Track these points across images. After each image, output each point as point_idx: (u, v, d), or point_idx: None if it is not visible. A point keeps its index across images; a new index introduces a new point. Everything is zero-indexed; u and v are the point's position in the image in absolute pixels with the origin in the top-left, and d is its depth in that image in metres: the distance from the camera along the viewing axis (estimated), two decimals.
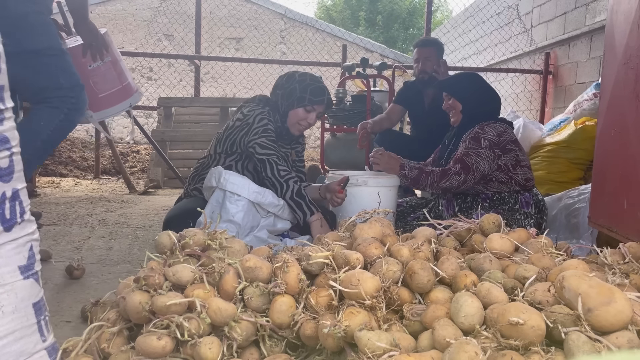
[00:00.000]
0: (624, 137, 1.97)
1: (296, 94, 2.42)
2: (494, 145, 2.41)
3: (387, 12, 17.86)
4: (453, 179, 2.38)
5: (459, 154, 2.44)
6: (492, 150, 2.41)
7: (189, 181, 2.60)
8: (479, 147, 2.40)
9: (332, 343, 1.20)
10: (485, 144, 2.41)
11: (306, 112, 2.44)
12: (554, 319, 1.10)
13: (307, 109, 2.43)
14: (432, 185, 2.43)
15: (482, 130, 2.44)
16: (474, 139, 2.43)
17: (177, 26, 9.08)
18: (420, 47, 3.56)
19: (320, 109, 2.46)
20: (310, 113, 2.45)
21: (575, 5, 5.00)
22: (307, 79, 2.47)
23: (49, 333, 1.16)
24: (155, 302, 1.23)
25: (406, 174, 2.47)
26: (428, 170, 2.44)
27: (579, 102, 4.06)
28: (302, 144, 2.73)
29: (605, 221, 2.11)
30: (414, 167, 2.50)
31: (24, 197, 1.13)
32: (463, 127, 2.58)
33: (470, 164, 2.38)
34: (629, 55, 1.94)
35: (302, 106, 2.42)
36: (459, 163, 2.40)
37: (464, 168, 2.37)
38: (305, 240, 2.02)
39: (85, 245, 2.73)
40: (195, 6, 5.98)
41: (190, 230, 1.53)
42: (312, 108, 2.43)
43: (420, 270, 1.32)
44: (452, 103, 2.61)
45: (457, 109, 2.59)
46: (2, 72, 1.08)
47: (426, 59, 3.48)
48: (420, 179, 2.44)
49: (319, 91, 2.43)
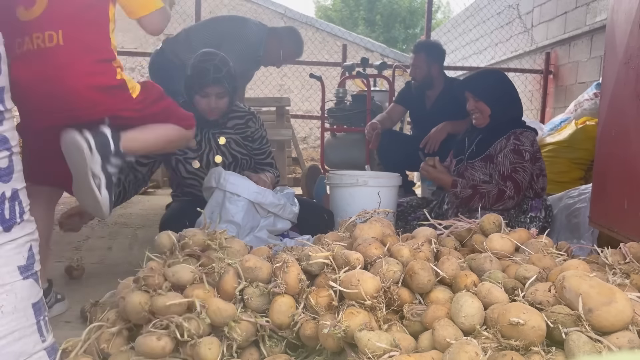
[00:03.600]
0: (624, 136, 1.96)
1: (189, 81, 2.26)
2: (532, 157, 2.38)
3: (387, 12, 17.85)
4: (507, 203, 2.32)
5: (505, 170, 2.34)
6: (531, 161, 2.37)
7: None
8: (523, 160, 2.34)
9: (332, 343, 1.20)
10: (527, 156, 2.35)
11: (202, 97, 2.25)
12: (554, 319, 1.09)
13: (201, 95, 2.24)
14: (485, 207, 2.31)
15: (519, 141, 2.37)
16: (515, 152, 2.35)
17: (177, 26, 9.06)
18: (412, 52, 3.53)
19: (213, 90, 2.22)
20: (206, 98, 2.25)
21: (576, 5, 5.00)
22: (196, 60, 2.26)
23: (48, 333, 1.16)
24: (155, 303, 1.23)
25: (458, 193, 2.37)
26: (483, 192, 2.33)
27: (580, 102, 4.05)
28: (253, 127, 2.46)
29: (606, 221, 2.10)
30: (467, 185, 2.38)
31: (24, 197, 1.13)
32: (490, 131, 2.47)
33: (520, 181, 2.32)
34: (630, 55, 1.94)
35: (195, 93, 2.25)
36: (510, 182, 2.31)
37: (516, 188, 2.31)
38: (305, 240, 2.01)
39: (85, 245, 2.73)
40: (195, 6, 5.98)
41: (190, 230, 1.53)
42: (205, 92, 2.24)
43: (420, 270, 1.32)
44: (478, 105, 2.47)
45: (484, 112, 2.45)
46: (2, 73, 1.08)
47: (415, 65, 3.44)
48: (474, 199, 2.33)
49: (203, 73, 2.21)
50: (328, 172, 3.01)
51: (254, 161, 2.51)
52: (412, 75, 3.49)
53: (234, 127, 2.44)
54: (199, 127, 2.27)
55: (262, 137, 2.50)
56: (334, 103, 4.18)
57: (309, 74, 4.24)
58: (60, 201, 4.13)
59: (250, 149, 2.47)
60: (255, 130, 2.48)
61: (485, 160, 2.45)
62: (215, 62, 2.24)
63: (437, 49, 3.53)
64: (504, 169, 2.35)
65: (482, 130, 2.53)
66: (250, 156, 2.47)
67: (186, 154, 2.35)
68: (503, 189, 2.32)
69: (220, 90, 2.25)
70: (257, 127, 2.48)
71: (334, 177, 2.65)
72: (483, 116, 2.47)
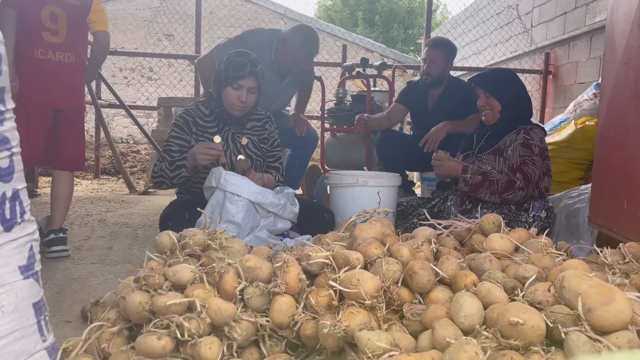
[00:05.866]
0: (624, 137, 1.97)
1: (222, 74, 2.37)
2: (542, 152, 2.40)
3: (386, 12, 17.85)
4: (516, 193, 2.33)
5: (515, 162, 2.36)
6: (541, 157, 2.39)
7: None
8: (532, 154, 2.36)
9: (332, 343, 1.20)
10: (536, 150, 2.37)
11: (234, 89, 2.35)
12: (554, 319, 1.10)
13: (234, 87, 2.34)
14: (493, 194, 2.34)
15: (529, 135, 2.40)
16: (525, 145, 2.37)
17: (177, 26, 9.08)
18: (430, 47, 3.43)
19: (247, 83, 2.34)
20: (239, 90, 2.35)
21: (575, 5, 5.00)
22: (231, 56, 2.39)
23: (49, 333, 1.16)
24: (155, 302, 1.23)
25: (468, 179, 2.37)
26: (492, 179, 2.34)
27: (579, 102, 4.05)
28: (269, 130, 2.58)
29: (605, 221, 2.11)
30: (477, 172, 2.39)
31: (24, 197, 1.13)
32: (499, 127, 2.50)
33: (529, 174, 2.34)
34: (629, 55, 1.94)
35: (228, 85, 2.35)
36: (520, 174, 2.33)
37: (525, 180, 2.33)
38: (305, 240, 2.02)
39: (85, 245, 2.73)
40: (195, 6, 5.98)
41: (190, 230, 1.53)
42: (238, 85, 2.33)
43: (420, 270, 1.32)
44: (490, 102, 2.50)
45: (495, 109, 2.49)
46: (3, 74, 1.08)
47: (433, 61, 3.37)
48: (483, 185, 2.34)
49: (240, 66, 2.34)
50: (328, 172, 3.01)
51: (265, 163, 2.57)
52: (427, 70, 3.40)
53: (252, 128, 2.53)
54: (222, 125, 2.44)
55: (274, 140, 2.59)
56: (334, 103, 4.18)
57: None
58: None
59: (264, 151, 2.54)
60: (270, 133, 2.58)
61: (495, 153, 2.48)
62: (251, 58, 2.38)
63: (454, 47, 3.53)
64: (513, 162, 2.38)
65: (491, 127, 2.56)
66: (263, 158, 2.53)
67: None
68: (513, 179, 2.34)
69: (253, 84, 2.36)
70: (272, 129, 2.59)
71: (334, 177, 2.65)
72: (493, 112, 2.51)
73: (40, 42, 2.45)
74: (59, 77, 2.50)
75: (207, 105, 2.48)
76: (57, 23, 2.49)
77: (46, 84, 2.47)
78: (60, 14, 2.50)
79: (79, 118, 2.66)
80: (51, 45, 2.47)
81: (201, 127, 2.45)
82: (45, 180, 5.44)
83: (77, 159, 2.66)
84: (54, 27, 2.48)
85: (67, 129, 2.59)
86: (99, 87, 5.98)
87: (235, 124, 2.47)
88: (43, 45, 2.46)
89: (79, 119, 2.67)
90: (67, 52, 2.52)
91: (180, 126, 2.42)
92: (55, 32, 2.49)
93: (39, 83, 2.45)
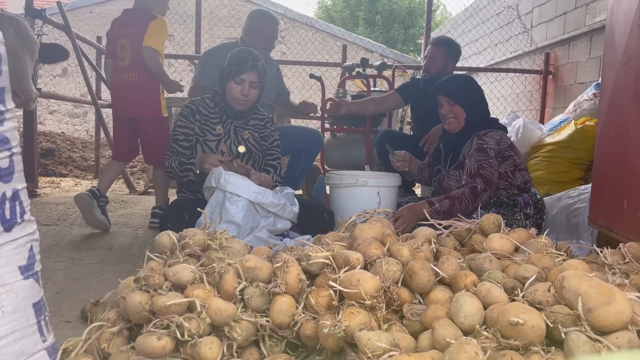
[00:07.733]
0: (624, 137, 1.97)
1: (225, 70, 2.44)
2: (497, 154, 2.40)
3: (387, 12, 17.85)
4: (483, 196, 2.33)
5: (472, 168, 2.36)
6: (497, 159, 2.40)
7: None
8: (488, 157, 2.37)
9: (332, 343, 1.20)
10: (491, 153, 2.38)
11: (236, 84, 2.42)
12: (554, 319, 1.10)
13: (236, 81, 2.41)
14: (467, 208, 2.32)
15: (482, 140, 2.40)
16: (480, 150, 2.38)
17: (177, 26, 9.08)
18: (432, 45, 3.47)
19: (249, 77, 2.40)
20: (241, 84, 2.41)
21: (575, 5, 5.00)
22: (234, 52, 2.46)
23: (49, 333, 1.16)
24: (155, 302, 1.23)
25: (438, 209, 2.30)
26: (458, 196, 2.31)
27: (579, 102, 4.06)
28: (270, 129, 2.63)
29: (605, 221, 2.11)
30: (442, 198, 2.34)
31: (24, 198, 1.13)
32: (465, 135, 2.49)
33: (489, 176, 2.34)
34: (629, 55, 1.94)
35: (231, 79, 2.42)
36: (480, 178, 2.33)
37: (486, 182, 2.33)
38: (305, 240, 2.02)
39: (85, 245, 2.73)
40: (195, 6, 5.98)
41: (190, 230, 1.53)
42: (240, 79, 2.40)
43: (420, 270, 1.32)
44: (453, 109, 2.48)
45: (459, 116, 2.48)
46: (3, 74, 1.08)
47: (432, 58, 3.40)
48: (454, 207, 2.30)
49: (242, 61, 2.40)
50: (328, 172, 3.01)
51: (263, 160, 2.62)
52: (426, 67, 3.44)
53: (254, 126, 2.60)
54: (225, 118, 2.53)
55: (274, 140, 2.65)
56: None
57: (309, 75, 4.25)
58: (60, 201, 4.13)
59: (264, 147, 2.60)
60: (271, 133, 2.64)
61: (458, 168, 2.49)
62: (253, 53, 2.46)
63: (457, 47, 3.52)
64: (471, 168, 2.38)
65: (455, 135, 2.54)
66: (262, 154, 2.59)
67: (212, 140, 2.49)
68: (474, 185, 2.34)
69: (255, 79, 2.43)
70: (273, 130, 2.65)
71: (334, 177, 2.65)
72: (458, 120, 2.49)
73: (115, 68, 3.31)
74: (124, 93, 3.28)
75: (212, 99, 2.56)
76: (125, 51, 3.24)
77: (118, 100, 3.35)
78: (127, 43, 3.23)
79: (156, 123, 3.33)
80: (120, 70, 3.27)
81: (204, 116, 2.51)
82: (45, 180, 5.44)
83: (156, 157, 3.27)
84: (122, 54, 3.25)
85: (146, 133, 3.34)
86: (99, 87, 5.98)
87: (238, 118, 2.54)
88: (116, 71, 3.30)
89: (157, 124, 3.33)
90: (130, 72, 3.24)
91: (186, 115, 2.51)
92: (123, 58, 3.25)
93: (115, 99, 3.38)
